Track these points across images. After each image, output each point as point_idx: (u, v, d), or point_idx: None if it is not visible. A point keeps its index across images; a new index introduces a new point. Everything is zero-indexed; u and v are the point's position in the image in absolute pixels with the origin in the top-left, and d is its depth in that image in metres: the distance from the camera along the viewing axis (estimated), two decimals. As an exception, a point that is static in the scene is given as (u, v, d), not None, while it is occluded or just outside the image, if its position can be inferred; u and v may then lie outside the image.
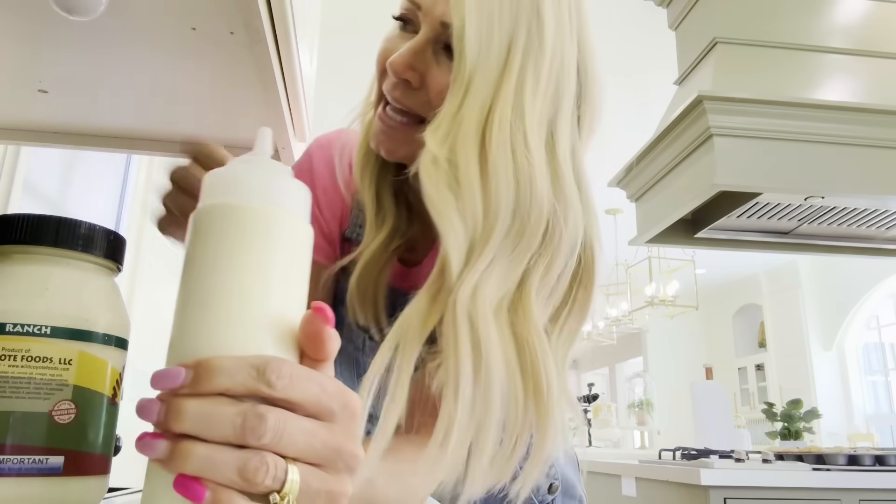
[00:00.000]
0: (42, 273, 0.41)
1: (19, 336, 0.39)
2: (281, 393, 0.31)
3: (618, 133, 4.28)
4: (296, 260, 0.36)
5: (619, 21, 3.34)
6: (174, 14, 0.64)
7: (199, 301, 0.33)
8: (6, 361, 0.38)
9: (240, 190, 0.35)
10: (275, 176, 0.36)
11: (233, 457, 0.30)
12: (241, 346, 0.32)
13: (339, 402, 0.33)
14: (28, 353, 0.38)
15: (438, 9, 0.62)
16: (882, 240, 2.18)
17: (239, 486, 0.30)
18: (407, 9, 0.65)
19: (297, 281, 0.36)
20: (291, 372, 0.31)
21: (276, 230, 0.35)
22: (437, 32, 0.63)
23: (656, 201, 2.13)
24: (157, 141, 0.95)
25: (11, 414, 0.37)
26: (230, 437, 0.30)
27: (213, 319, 0.33)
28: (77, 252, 0.42)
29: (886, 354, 6.79)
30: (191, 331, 0.33)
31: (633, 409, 6.46)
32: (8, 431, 0.37)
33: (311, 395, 0.32)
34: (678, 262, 5.72)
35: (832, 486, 2.08)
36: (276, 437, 0.30)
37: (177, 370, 0.31)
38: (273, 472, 0.30)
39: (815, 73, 2.04)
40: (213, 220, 0.35)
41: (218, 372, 0.30)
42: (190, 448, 0.30)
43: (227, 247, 0.34)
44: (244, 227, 0.34)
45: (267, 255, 0.34)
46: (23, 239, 0.41)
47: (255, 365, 0.31)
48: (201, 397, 0.31)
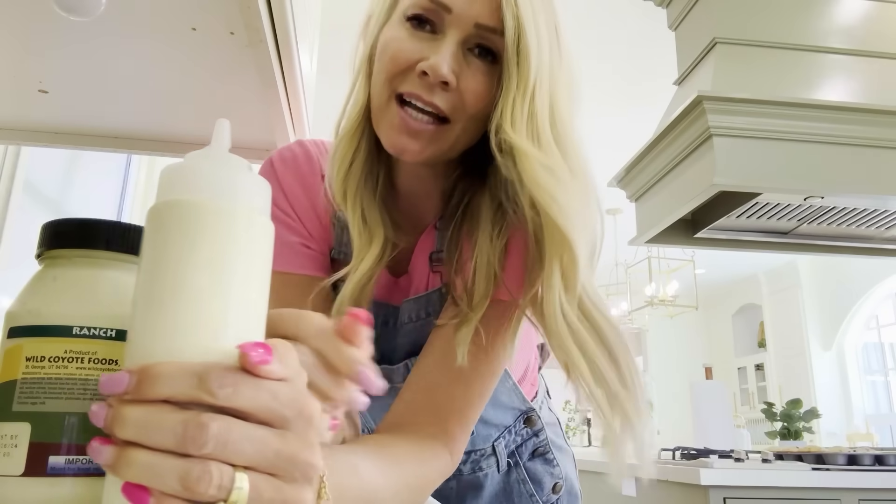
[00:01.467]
0: (106, 277, 0.41)
1: (86, 339, 0.39)
2: (224, 402, 0.30)
3: (618, 133, 4.28)
4: (252, 257, 0.34)
5: (620, 21, 3.34)
6: (174, 14, 0.64)
7: (149, 302, 0.32)
8: (74, 364, 0.38)
9: (191, 185, 0.34)
10: (230, 170, 0.35)
11: (175, 465, 0.29)
12: (192, 349, 0.31)
13: (294, 410, 0.32)
14: (94, 355, 0.39)
15: (473, 10, 0.62)
16: (882, 240, 2.18)
17: (182, 494, 0.29)
18: (427, 9, 0.64)
19: (255, 278, 0.34)
20: (237, 380, 0.30)
21: (228, 226, 0.33)
22: (468, 34, 0.63)
23: (656, 201, 2.13)
24: (157, 141, 0.95)
25: (79, 415, 0.38)
26: (171, 445, 0.29)
27: (161, 321, 0.32)
28: (134, 256, 0.42)
29: (886, 354, 6.78)
30: (141, 333, 0.33)
31: (632, 408, 6.44)
32: (73, 432, 0.37)
33: (261, 403, 0.31)
34: (678, 262, 5.72)
35: (832, 486, 2.08)
36: (220, 445, 0.29)
37: (121, 376, 0.30)
38: (217, 481, 0.29)
39: (815, 73, 2.03)
40: (162, 218, 0.34)
41: (158, 379, 0.30)
42: (133, 455, 0.29)
43: (176, 245, 0.33)
44: (193, 224, 0.33)
45: (218, 252, 0.33)
46: (81, 243, 0.42)
47: (196, 373, 0.30)
48: (144, 404, 0.30)
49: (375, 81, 0.66)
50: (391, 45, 0.65)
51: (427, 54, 0.62)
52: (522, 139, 0.60)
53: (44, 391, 0.38)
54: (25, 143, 0.98)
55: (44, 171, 1.72)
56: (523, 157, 0.59)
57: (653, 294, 5.48)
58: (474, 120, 0.65)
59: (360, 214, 0.70)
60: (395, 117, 0.64)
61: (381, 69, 0.65)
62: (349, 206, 0.70)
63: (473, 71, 0.64)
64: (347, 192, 0.70)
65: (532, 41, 0.61)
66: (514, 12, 0.61)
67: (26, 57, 0.74)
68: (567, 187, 0.60)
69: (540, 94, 0.61)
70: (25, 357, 0.38)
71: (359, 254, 0.70)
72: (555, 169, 0.60)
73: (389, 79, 0.64)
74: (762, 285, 7.58)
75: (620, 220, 5.63)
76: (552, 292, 0.60)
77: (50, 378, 0.38)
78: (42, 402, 0.38)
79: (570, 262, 0.60)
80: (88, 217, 0.43)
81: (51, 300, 0.40)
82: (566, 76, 0.66)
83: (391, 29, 0.66)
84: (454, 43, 0.63)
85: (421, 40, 0.64)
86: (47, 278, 0.41)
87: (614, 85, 3.91)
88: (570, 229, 0.59)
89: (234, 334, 0.32)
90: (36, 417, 0.37)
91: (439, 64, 0.61)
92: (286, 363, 0.32)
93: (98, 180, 2.16)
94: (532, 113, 0.61)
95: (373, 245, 0.70)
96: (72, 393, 0.38)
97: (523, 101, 0.60)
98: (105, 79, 0.79)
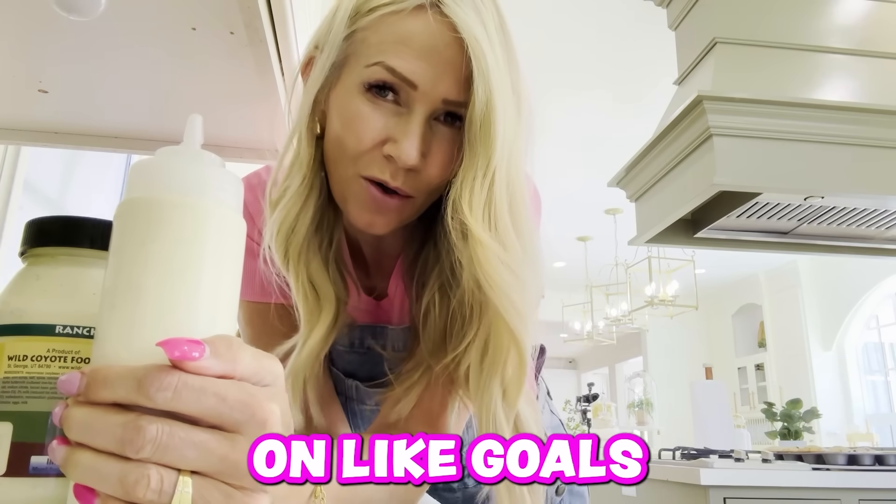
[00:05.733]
0: (90, 275, 0.41)
1: (69, 338, 0.38)
2: (163, 405, 0.29)
3: (618, 133, 4.28)
4: (215, 253, 0.33)
5: (620, 21, 3.34)
6: (174, 14, 0.64)
7: (105, 301, 0.32)
8: (57, 363, 0.38)
9: (157, 182, 0.33)
10: (199, 166, 0.34)
11: (115, 468, 0.29)
12: (142, 349, 0.30)
13: (245, 414, 0.30)
14: (77, 354, 0.39)
15: (441, 88, 0.58)
16: (882, 240, 2.18)
17: (124, 497, 0.29)
18: (390, 81, 0.58)
19: (222, 277, 0.33)
20: (177, 383, 0.29)
21: (193, 223, 0.32)
22: (436, 108, 0.59)
23: (656, 201, 2.13)
24: (157, 141, 0.95)
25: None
26: (112, 447, 0.29)
27: (119, 321, 0.31)
28: None
29: (886, 354, 6.78)
30: (99, 332, 0.32)
31: (632, 408, 6.45)
32: (56, 432, 0.37)
33: (206, 406, 0.30)
34: (678, 262, 5.72)
35: (832, 486, 2.08)
36: (161, 449, 0.29)
37: (75, 377, 0.30)
38: (157, 485, 0.29)
39: (815, 73, 2.03)
40: (127, 215, 0.33)
41: (104, 382, 0.30)
42: (77, 457, 0.30)
43: (129, 242, 0.32)
44: (145, 221, 0.32)
45: (174, 249, 0.32)
46: (65, 241, 0.41)
47: (137, 376, 0.29)
48: (91, 406, 0.30)
49: (336, 154, 0.62)
50: (354, 122, 0.59)
51: (393, 133, 0.58)
52: (479, 225, 0.56)
53: (26, 390, 0.37)
54: (25, 143, 0.98)
55: (44, 171, 1.72)
56: (479, 245, 0.56)
57: (653, 294, 5.48)
58: (438, 189, 0.63)
59: (307, 279, 0.65)
60: (364, 195, 0.61)
61: (343, 144, 0.60)
62: (292, 270, 0.64)
63: (440, 142, 0.60)
64: (290, 255, 0.64)
65: (499, 117, 0.57)
66: (486, 86, 0.56)
67: (26, 57, 0.74)
68: (525, 285, 0.58)
69: (499, 176, 0.58)
70: (8, 356, 0.38)
71: (307, 323, 0.65)
72: (513, 266, 0.57)
73: (354, 157, 0.60)
74: (762, 285, 7.57)
75: (620, 220, 5.63)
76: (490, 397, 0.58)
77: (32, 377, 0.38)
78: (24, 401, 0.37)
79: (517, 369, 0.58)
80: (72, 215, 0.42)
81: (34, 299, 0.39)
82: (527, 137, 0.62)
83: (349, 99, 0.60)
84: (421, 123, 0.59)
85: (385, 114, 0.59)
86: (30, 276, 0.41)
87: (614, 85, 3.91)
88: (524, 335, 0.57)
89: (191, 332, 0.31)
90: (18, 417, 0.37)
91: (408, 153, 0.58)
92: (228, 360, 0.31)
93: (98, 180, 2.16)
94: (490, 199, 0.57)
95: (322, 314, 0.65)
96: (55, 392, 0.37)
97: (483, 182, 0.57)
98: (105, 79, 0.79)
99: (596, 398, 5.58)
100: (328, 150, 0.63)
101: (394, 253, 0.75)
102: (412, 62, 0.57)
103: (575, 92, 3.93)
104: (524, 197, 0.61)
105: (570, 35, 3.44)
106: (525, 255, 0.59)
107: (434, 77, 0.58)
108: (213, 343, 0.31)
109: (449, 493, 0.91)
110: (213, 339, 0.31)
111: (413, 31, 0.58)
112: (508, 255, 0.57)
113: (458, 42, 0.57)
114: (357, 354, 0.78)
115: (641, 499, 2.48)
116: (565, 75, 3.76)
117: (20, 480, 0.36)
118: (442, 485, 0.91)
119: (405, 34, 0.58)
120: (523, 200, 0.61)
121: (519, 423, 0.60)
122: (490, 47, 0.57)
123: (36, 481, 0.37)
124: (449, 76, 0.58)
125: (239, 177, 0.36)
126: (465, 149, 0.59)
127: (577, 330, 7.02)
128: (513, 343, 0.57)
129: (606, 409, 5.82)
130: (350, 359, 0.79)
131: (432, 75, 0.58)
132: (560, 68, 3.69)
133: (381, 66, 0.58)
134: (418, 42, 0.57)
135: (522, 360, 0.58)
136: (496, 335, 0.58)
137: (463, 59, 0.57)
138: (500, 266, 0.56)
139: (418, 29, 0.57)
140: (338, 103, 0.61)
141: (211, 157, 0.35)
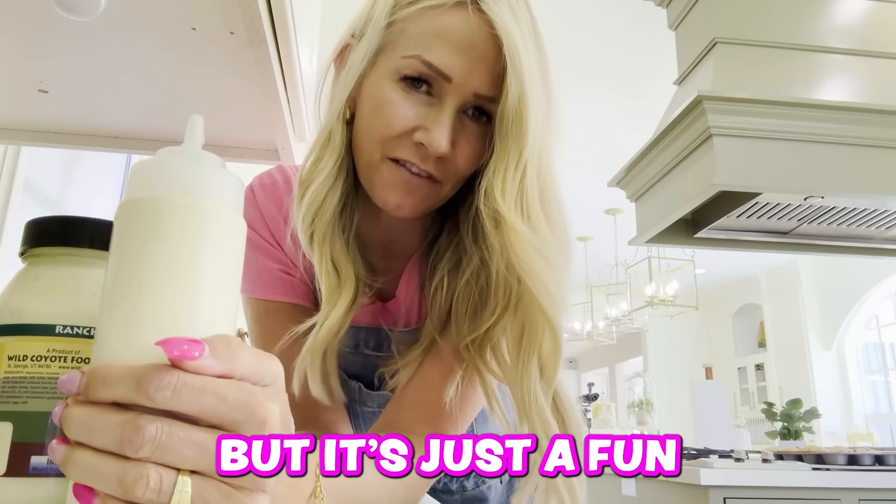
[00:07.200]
0: (90, 275, 0.41)
1: (69, 338, 0.38)
2: (162, 405, 0.29)
3: (618, 133, 4.28)
4: (215, 253, 0.33)
5: (620, 21, 3.34)
6: (174, 14, 0.64)
7: (106, 300, 0.32)
8: (57, 363, 0.38)
9: (158, 182, 0.33)
10: (200, 166, 0.34)
11: (114, 468, 0.29)
12: (141, 349, 0.30)
13: (245, 413, 0.30)
14: (77, 354, 0.38)
15: (474, 82, 0.60)
16: (882, 240, 2.18)
17: (123, 496, 0.29)
18: (425, 73, 0.61)
19: (223, 277, 0.33)
20: (177, 382, 0.29)
21: (194, 223, 0.32)
22: (467, 101, 0.62)
23: (656, 201, 2.13)
24: (157, 141, 0.95)
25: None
26: (111, 447, 0.29)
27: (119, 321, 0.31)
28: None
29: (886, 354, 6.78)
30: (99, 332, 0.32)
31: (632, 408, 6.45)
32: (56, 432, 0.37)
33: (206, 406, 0.30)
34: (678, 262, 5.72)
35: (832, 486, 2.08)
36: (159, 448, 0.29)
37: (74, 376, 0.30)
38: (156, 485, 0.29)
39: (815, 73, 2.03)
40: (128, 215, 0.33)
41: (104, 381, 0.30)
42: (76, 456, 0.30)
43: (137, 242, 0.32)
44: (146, 220, 0.32)
45: (174, 249, 0.32)
46: (65, 241, 0.41)
47: (136, 376, 0.29)
48: (90, 405, 0.30)
49: (365, 138, 0.64)
50: (386, 108, 0.61)
51: (424, 122, 0.61)
52: (512, 212, 0.58)
53: (26, 390, 0.37)
54: (25, 143, 0.98)
55: (43, 171, 1.72)
56: (512, 232, 0.58)
57: (653, 294, 5.48)
58: (465, 178, 0.65)
59: (330, 259, 0.67)
60: (393, 176, 0.63)
61: (372, 129, 0.63)
62: (316, 250, 0.67)
63: (468, 135, 0.63)
64: (315, 236, 0.66)
65: (531, 112, 0.59)
66: (519, 83, 0.58)
67: (26, 57, 0.74)
68: (558, 272, 0.60)
69: (531, 167, 0.60)
70: (8, 356, 0.38)
71: (329, 301, 0.67)
72: (546, 252, 0.59)
73: (382, 141, 0.62)
74: (762, 285, 7.58)
75: (620, 220, 5.63)
76: (529, 375, 0.60)
77: (32, 377, 0.38)
78: (24, 401, 0.37)
79: (553, 348, 0.60)
80: (72, 215, 0.42)
81: (34, 299, 0.39)
82: (554, 133, 0.64)
83: (383, 86, 0.62)
84: (452, 114, 0.61)
85: (416, 104, 0.61)
86: (30, 276, 0.41)
87: (614, 85, 3.91)
88: (558, 317, 0.59)
89: (191, 332, 0.31)
90: (18, 417, 0.37)
91: (439, 140, 0.60)
92: (227, 360, 0.31)
93: (98, 180, 2.16)
94: (522, 189, 0.59)
95: (343, 292, 0.67)
96: (55, 392, 0.37)
97: (515, 171, 0.59)
98: (105, 79, 0.79)
99: (596, 398, 5.58)
100: (357, 134, 0.65)
101: (406, 249, 0.76)
102: (448, 56, 0.60)
103: (575, 92, 3.93)
104: (555, 188, 0.63)
105: (570, 35, 3.44)
106: (556, 241, 0.61)
107: (468, 71, 0.60)
108: (213, 343, 0.31)
109: (447, 495, 0.91)
110: (213, 339, 0.31)
111: (452, 26, 0.60)
112: (540, 241, 0.59)
113: (494, 39, 0.59)
114: (361, 356, 0.79)
115: (641, 498, 2.48)
116: (565, 75, 3.76)
117: (20, 480, 0.36)
118: (440, 486, 0.91)
119: (444, 28, 0.60)
120: (554, 191, 0.63)
121: (558, 400, 0.62)
122: (524, 45, 0.59)
123: (36, 481, 0.37)
124: (482, 71, 0.60)
125: (240, 177, 0.36)
126: (495, 141, 0.61)
127: (577, 330, 7.02)
128: (547, 324, 0.59)
129: (606, 409, 5.82)
130: (354, 360, 0.80)
131: (467, 69, 0.60)
132: (560, 68, 3.65)
133: (419, 59, 0.60)
134: (456, 37, 0.60)
135: (557, 341, 0.60)
136: (531, 317, 0.60)
137: (496, 56, 0.59)
138: (532, 251, 0.58)
139: (457, 24, 0.60)
140: (370, 90, 0.64)
141: (212, 157, 0.35)
